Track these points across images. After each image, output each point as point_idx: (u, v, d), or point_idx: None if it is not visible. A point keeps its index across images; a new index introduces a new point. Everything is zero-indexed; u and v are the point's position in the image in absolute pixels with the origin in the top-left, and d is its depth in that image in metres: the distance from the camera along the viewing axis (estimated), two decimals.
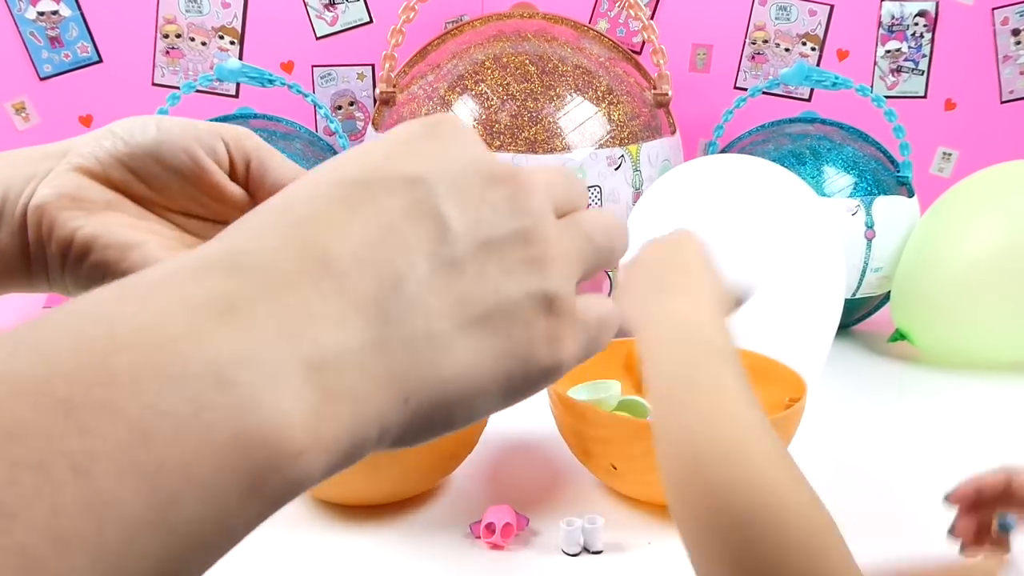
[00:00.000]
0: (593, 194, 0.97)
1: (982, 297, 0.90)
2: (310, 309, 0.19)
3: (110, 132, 0.31)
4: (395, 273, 0.20)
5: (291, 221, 0.20)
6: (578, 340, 0.24)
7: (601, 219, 0.25)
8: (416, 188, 0.21)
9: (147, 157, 0.31)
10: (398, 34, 1.02)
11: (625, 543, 0.60)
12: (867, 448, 0.76)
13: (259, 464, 0.17)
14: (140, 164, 0.31)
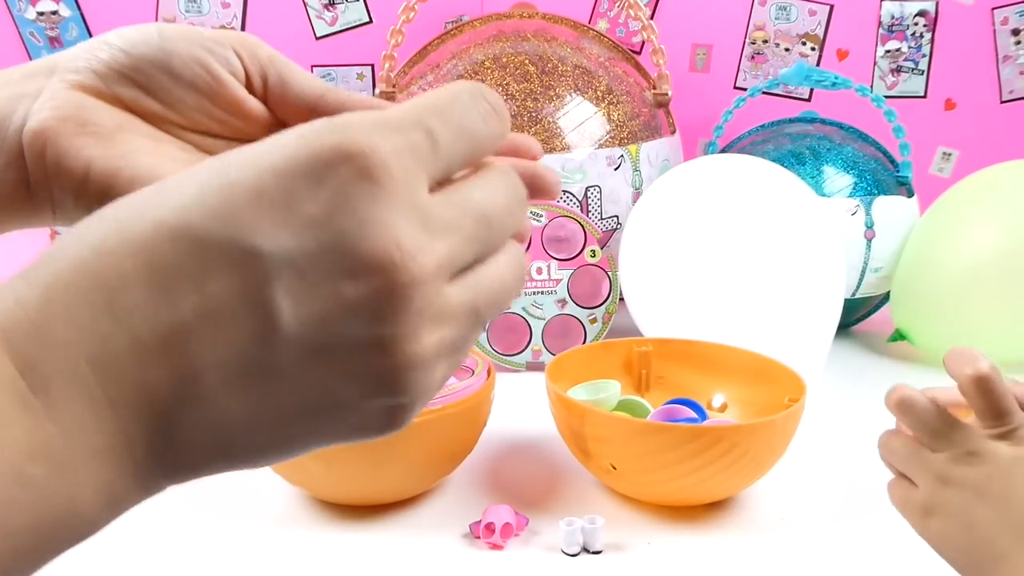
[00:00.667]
0: (593, 194, 0.97)
1: (982, 297, 0.90)
2: (92, 396, 0.18)
3: (105, 43, 0.28)
4: (191, 373, 0.18)
5: (100, 293, 0.18)
6: (424, 404, 0.21)
7: (502, 289, 0.22)
8: (253, 268, 0.18)
9: (155, 69, 0.27)
10: (398, 34, 1.02)
11: (625, 543, 0.60)
12: (867, 448, 0.75)
13: (56, 537, 0.19)
14: (148, 78, 0.27)
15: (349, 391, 0.19)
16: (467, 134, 0.21)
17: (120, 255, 0.18)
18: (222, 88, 0.28)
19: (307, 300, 0.18)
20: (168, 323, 0.18)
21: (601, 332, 0.93)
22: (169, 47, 0.27)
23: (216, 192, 0.18)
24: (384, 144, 0.19)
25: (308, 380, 0.19)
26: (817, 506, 0.66)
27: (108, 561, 0.58)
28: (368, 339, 0.19)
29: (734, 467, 0.59)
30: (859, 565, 0.58)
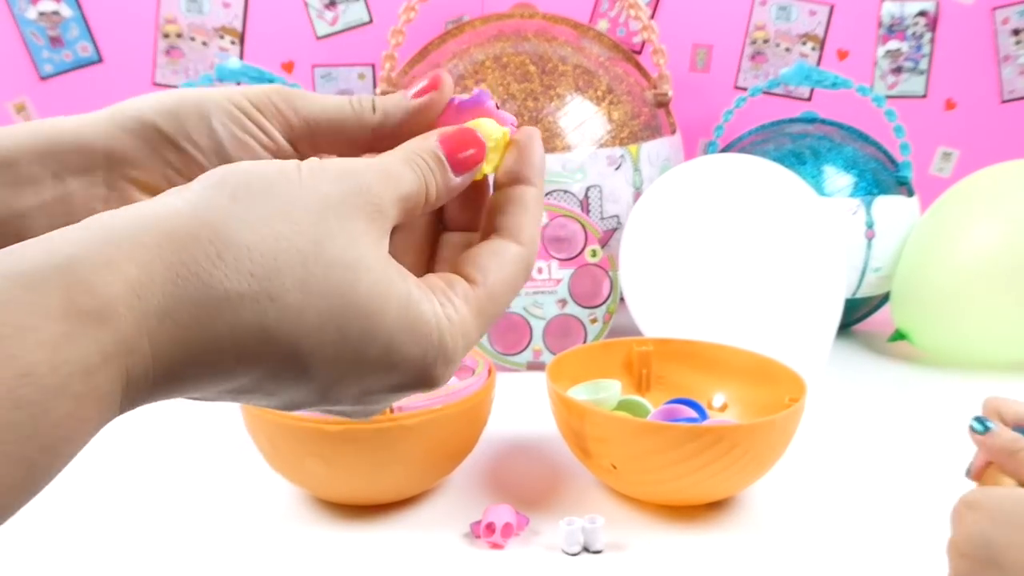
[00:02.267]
0: (593, 194, 0.97)
1: (982, 297, 0.90)
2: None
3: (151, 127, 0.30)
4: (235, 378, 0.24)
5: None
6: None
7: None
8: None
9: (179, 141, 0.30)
10: (398, 34, 1.02)
11: (625, 543, 0.60)
12: (867, 448, 0.76)
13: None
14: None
15: (387, 398, 0.27)
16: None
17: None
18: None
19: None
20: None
21: (601, 332, 0.93)
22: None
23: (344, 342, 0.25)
24: (462, 348, 0.27)
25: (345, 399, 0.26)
26: (817, 506, 0.66)
27: (109, 561, 0.58)
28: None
29: (734, 467, 0.59)
30: (859, 565, 0.58)
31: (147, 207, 0.23)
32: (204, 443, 0.75)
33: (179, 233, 0.22)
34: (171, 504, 0.65)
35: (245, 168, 0.24)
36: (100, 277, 0.20)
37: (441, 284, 0.27)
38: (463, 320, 0.27)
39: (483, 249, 0.29)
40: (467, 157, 0.29)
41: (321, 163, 0.25)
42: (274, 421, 0.60)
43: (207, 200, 0.23)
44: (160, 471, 0.70)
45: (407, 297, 0.25)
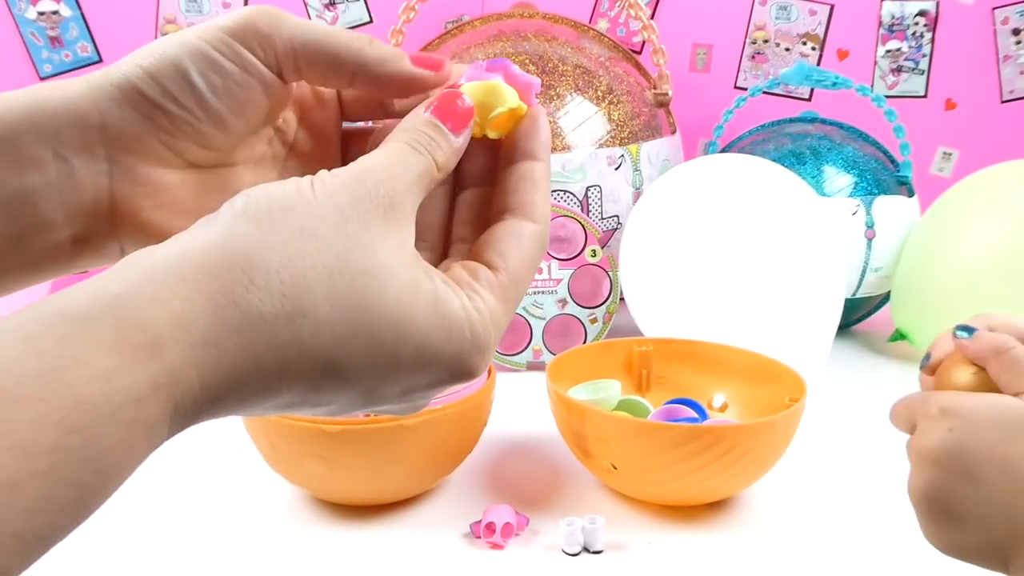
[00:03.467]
0: (593, 194, 0.97)
1: (982, 297, 0.90)
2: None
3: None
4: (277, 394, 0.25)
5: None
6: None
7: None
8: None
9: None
10: (398, 34, 1.02)
11: (625, 543, 0.60)
12: (867, 448, 0.76)
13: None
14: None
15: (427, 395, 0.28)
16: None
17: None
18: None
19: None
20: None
21: (601, 332, 0.93)
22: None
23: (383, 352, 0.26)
24: (485, 361, 0.28)
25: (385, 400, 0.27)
26: (817, 506, 0.66)
27: (109, 561, 0.58)
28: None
29: (734, 467, 0.59)
30: (859, 565, 0.58)
31: (182, 242, 0.24)
32: (204, 443, 0.75)
33: (215, 265, 0.23)
34: (171, 504, 0.65)
35: (266, 193, 0.25)
36: (147, 313, 0.22)
37: (466, 276, 0.28)
38: (492, 309, 0.27)
39: (501, 232, 0.29)
40: (459, 114, 0.29)
41: (332, 174, 0.26)
42: (274, 421, 0.59)
43: (235, 231, 0.24)
44: (160, 471, 0.70)
45: (434, 297, 0.26)
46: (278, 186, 0.25)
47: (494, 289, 0.28)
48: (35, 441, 0.19)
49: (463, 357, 0.26)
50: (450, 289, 0.27)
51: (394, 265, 0.25)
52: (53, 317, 0.21)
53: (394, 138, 0.29)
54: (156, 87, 0.29)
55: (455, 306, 0.26)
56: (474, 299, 0.27)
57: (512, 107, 0.31)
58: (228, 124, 0.30)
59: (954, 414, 0.40)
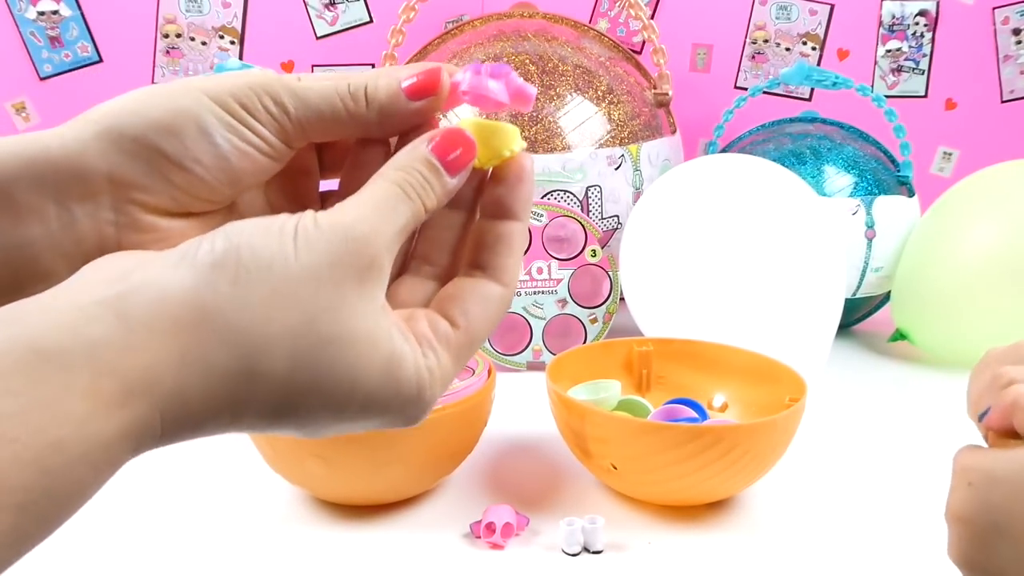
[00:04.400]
0: (593, 194, 0.97)
1: (982, 297, 0.90)
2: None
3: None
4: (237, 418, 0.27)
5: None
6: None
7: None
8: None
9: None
10: (398, 34, 1.02)
11: (625, 543, 0.60)
12: (867, 448, 0.76)
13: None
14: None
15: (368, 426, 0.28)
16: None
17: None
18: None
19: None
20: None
21: (601, 332, 0.93)
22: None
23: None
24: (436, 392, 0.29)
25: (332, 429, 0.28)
26: (817, 506, 0.66)
27: (109, 561, 0.58)
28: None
29: (734, 467, 0.59)
30: (859, 565, 0.58)
31: (157, 284, 0.25)
32: (204, 443, 0.75)
33: (188, 321, 0.24)
34: (171, 505, 0.65)
35: (249, 246, 0.26)
36: (120, 363, 0.23)
37: (428, 333, 0.29)
38: (443, 368, 0.29)
39: (470, 291, 0.30)
40: (459, 157, 0.30)
41: (317, 225, 0.26)
42: None
43: (211, 285, 0.25)
44: (160, 472, 0.70)
45: (390, 358, 0.27)
46: (262, 238, 0.26)
47: (450, 347, 0.29)
48: (9, 479, 0.21)
49: (405, 411, 0.28)
50: (408, 347, 0.28)
51: (357, 331, 0.26)
52: (29, 354, 0.22)
53: (387, 176, 0.29)
54: (178, 145, 0.29)
55: (408, 367, 0.27)
56: (428, 358, 0.28)
57: (514, 152, 0.31)
58: (241, 181, 0.30)
59: (972, 468, 0.40)
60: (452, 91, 0.32)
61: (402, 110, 0.31)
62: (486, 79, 0.31)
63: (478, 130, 0.31)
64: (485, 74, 0.31)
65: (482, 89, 0.31)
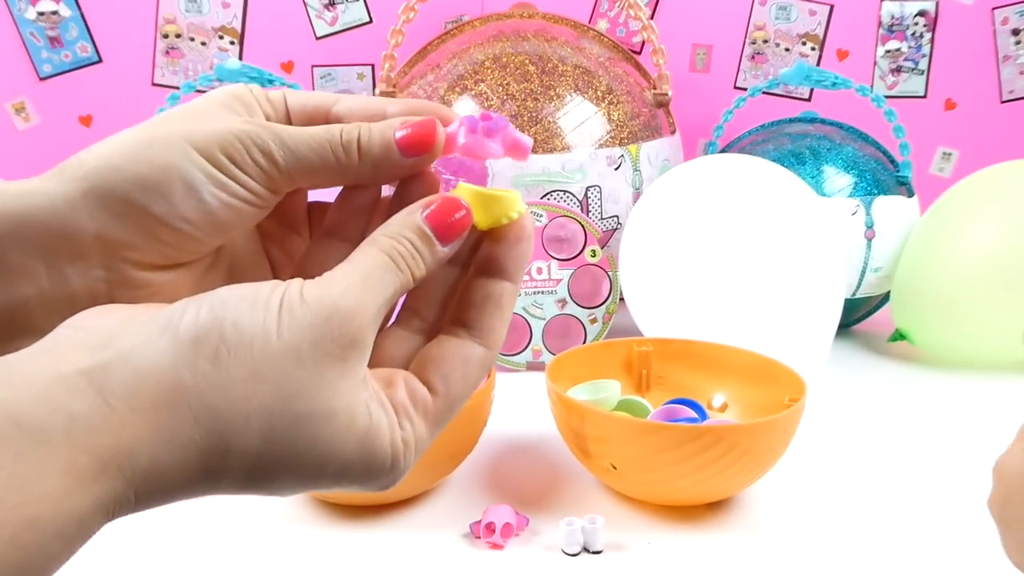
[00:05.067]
0: (593, 194, 0.97)
1: (982, 297, 0.90)
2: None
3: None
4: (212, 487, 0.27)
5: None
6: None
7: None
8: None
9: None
10: (398, 34, 1.02)
11: (625, 543, 0.60)
12: (867, 448, 0.76)
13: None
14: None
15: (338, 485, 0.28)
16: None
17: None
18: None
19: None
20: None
21: (601, 332, 0.93)
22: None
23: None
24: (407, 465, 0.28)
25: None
26: (817, 506, 0.66)
27: (109, 561, 0.58)
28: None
29: (734, 467, 0.59)
30: (859, 565, 0.58)
31: (138, 360, 0.24)
32: None
33: (165, 401, 0.24)
34: (171, 504, 0.65)
35: (232, 323, 0.25)
36: (98, 439, 0.23)
37: (406, 402, 0.28)
38: (419, 438, 0.29)
39: (450, 352, 0.30)
40: (454, 226, 0.29)
41: (302, 299, 0.26)
42: None
43: (192, 364, 0.25)
44: None
45: (366, 432, 0.27)
46: (247, 313, 0.25)
47: (427, 416, 0.29)
48: None
49: (379, 480, 0.28)
50: (385, 418, 0.27)
51: (335, 408, 0.26)
52: (10, 426, 0.22)
53: (378, 243, 0.28)
54: (167, 206, 0.28)
55: (384, 440, 0.27)
56: (405, 428, 0.28)
57: (513, 220, 0.30)
58: (228, 231, 0.30)
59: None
60: (448, 142, 0.31)
61: (396, 164, 0.30)
62: (482, 139, 0.31)
63: (478, 198, 0.30)
64: (481, 133, 0.31)
65: (478, 150, 0.31)
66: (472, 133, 0.31)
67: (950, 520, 0.63)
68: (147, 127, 0.29)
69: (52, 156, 1.17)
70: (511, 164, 0.94)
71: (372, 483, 0.28)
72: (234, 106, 0.30)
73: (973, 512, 0.64)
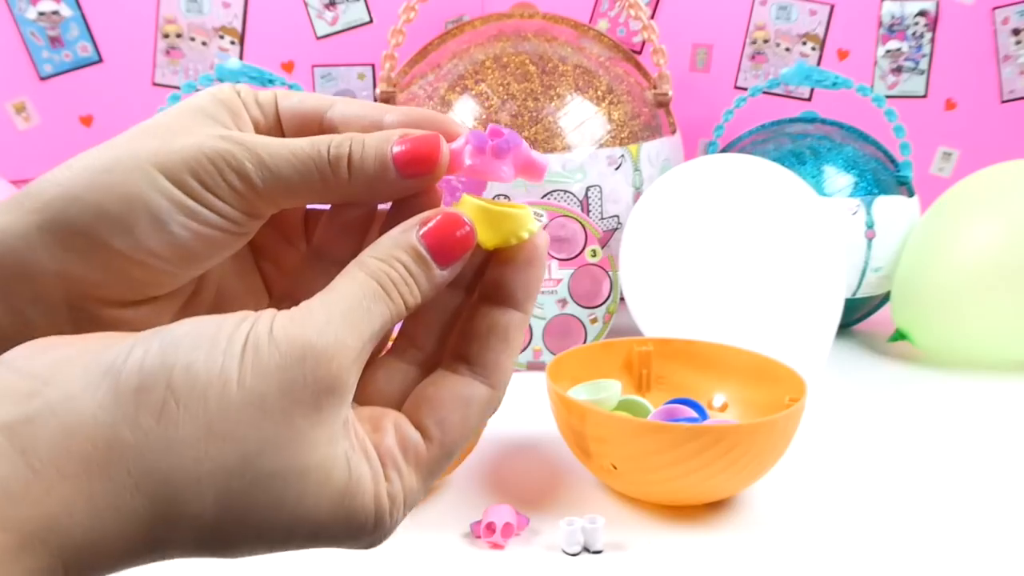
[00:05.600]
0: (593, 194, 0.97)
1: (982, 297, 0.90)
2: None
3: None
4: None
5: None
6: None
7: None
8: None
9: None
10: (398, 34, 1.02)
11: (625, 543, 0.60)
12: (867, 448, 0.76)
13: None
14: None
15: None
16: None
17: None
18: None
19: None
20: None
21: (601, 332, 0.93)
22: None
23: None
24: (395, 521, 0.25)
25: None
26: (817, 506, 0.66)
27: None
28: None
29: (734, 467, 0.59)
30: (859, 565, 0.58)
31: (70, 414, 0.21)
32: None
33: (100, 463, 0.21)
34: None
35: (183, 365, 0.22)
36: (16, 511, 0.20)
37: (395, 451, 0.25)
38: (409, 489, 0.25)
39: (448, 392, 0.26)
40: (453, 246, 0.25)
41: (271, 338, 0.22)
42: None
43: (132, 419, 0.21)
44: None
45: (344, 489, 0.23)
46: (203, 356, 0.22)
47: (420, 466, 0.25)
48: None
49: (361, 539, 0.24)
50: (368, 471, 0.24)
51: (306, 464, 0.22)
52: None
53: (366, 266, 0.25)
54: (132, 242, 0.25)
55: (366, 496, 0.24)
56: (392, 481, 0.24)
57: (524, 240, 0.27)
58: (205, 262, 0.27)
59: None
60: (453, 159, 0.27)
61: (391, 184, 0.26)
62: (491, 160, 0.27)
63: (483, 214, 0.26)
64: (490, 153, 0.27)
65: (487, 173, 0.27)
66: (480, 154, 0.27)
67: (950, 520, 0.63)
68: (112, 147, 0.25)
69: (52, 156, 1.17)
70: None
71: (353, 543, 0.24)
72: (217, 113, 0.27)
73: (973, 512, 0.64)
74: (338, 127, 0.28)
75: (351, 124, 0.28)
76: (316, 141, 0.26)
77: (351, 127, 0.28)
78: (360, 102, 0.29)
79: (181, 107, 0.27)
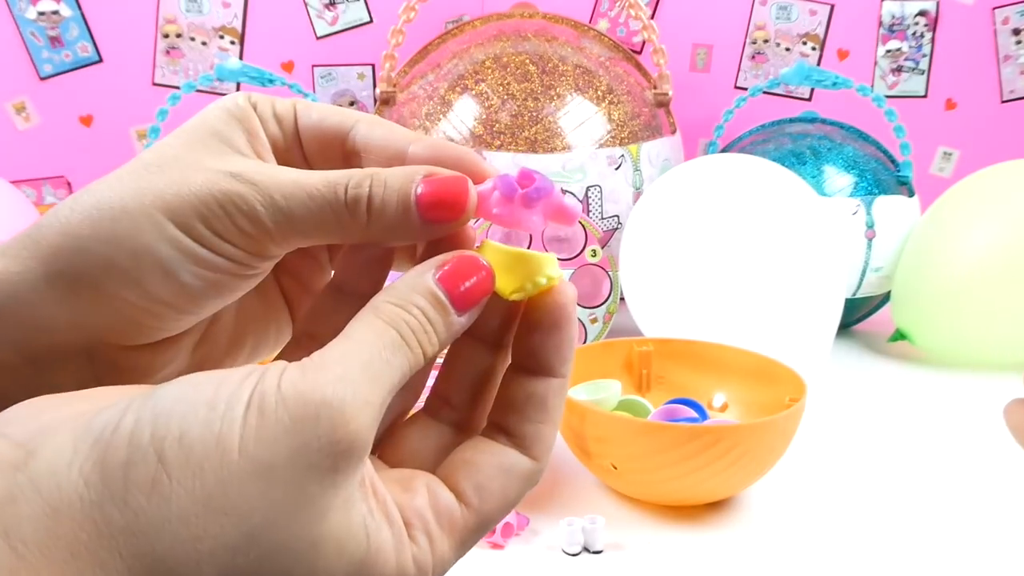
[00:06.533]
0: (594, 194, 0.97)
1: (982, 297, 0.90)
2: None
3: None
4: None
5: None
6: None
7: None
8: None
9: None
10: (398, 34, 1.02)
11: (625, 543, 0.60)
12: (867, 448, 0.76)
13: None
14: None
15: None
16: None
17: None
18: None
19: None
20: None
21: (602, 332, 0.93)
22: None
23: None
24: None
25: None
26: (817, 506, 0.66)
27: None
28: None
29: (734, 467, 0.59)
30: (859, 565, 0.58)
31: (53, 493, 0.19)
32: None
33: (87, 541, 0.19)
34: None
35: (175, 435, 0.20)
36: None
37: (428, 515, 0.23)
38: (439, 556, 0.23)
39: (488, 459, 0.24)
40: (471, 290, 0.24)
41: (279, 397, 0.20)
42: None
43: (120, 497, 0.19)
44: None
45: (362, 561, 0.21)
46: (200, 424, 0.20)
47: (454, 531, 0.23)
48: None
49: None
50: (390, 536, 0.22)
51: (320, 534, 0.20)
52: None
53: (383, 312, 0.23)
54: (146, 297, 0.24)
55: (387, 566, 0.22)
56: (420, 545, 0.22)
57: (548, 286, 0.25)
58: (214, 305, 0.26)
59: None
60: (480, 203, 0.25)
61: (413, 228, 0.25)
62: (520, 209, 0.25)
63: (502, 257, 0.25)
64: (518, 202, 0.25)
65: (513, 223, 0.25)
66: (508, 203, 0.25)
67: (950, 519, 0.64)
68: (119, 185, 0.24)
69: (52, 156, 1.17)
70: (510, 162, 0.94)
71: None
72: (232, 135, 0.26)
73: (973, 511, 0.64)
74: (360, 153, 0.27)
75: (374, 151, 0.26)
76: (334, 180, 0.24)
77: (373, 155, 0.26)
78: (385, 123, 0.27)
79: (193, 129, 0.26)
